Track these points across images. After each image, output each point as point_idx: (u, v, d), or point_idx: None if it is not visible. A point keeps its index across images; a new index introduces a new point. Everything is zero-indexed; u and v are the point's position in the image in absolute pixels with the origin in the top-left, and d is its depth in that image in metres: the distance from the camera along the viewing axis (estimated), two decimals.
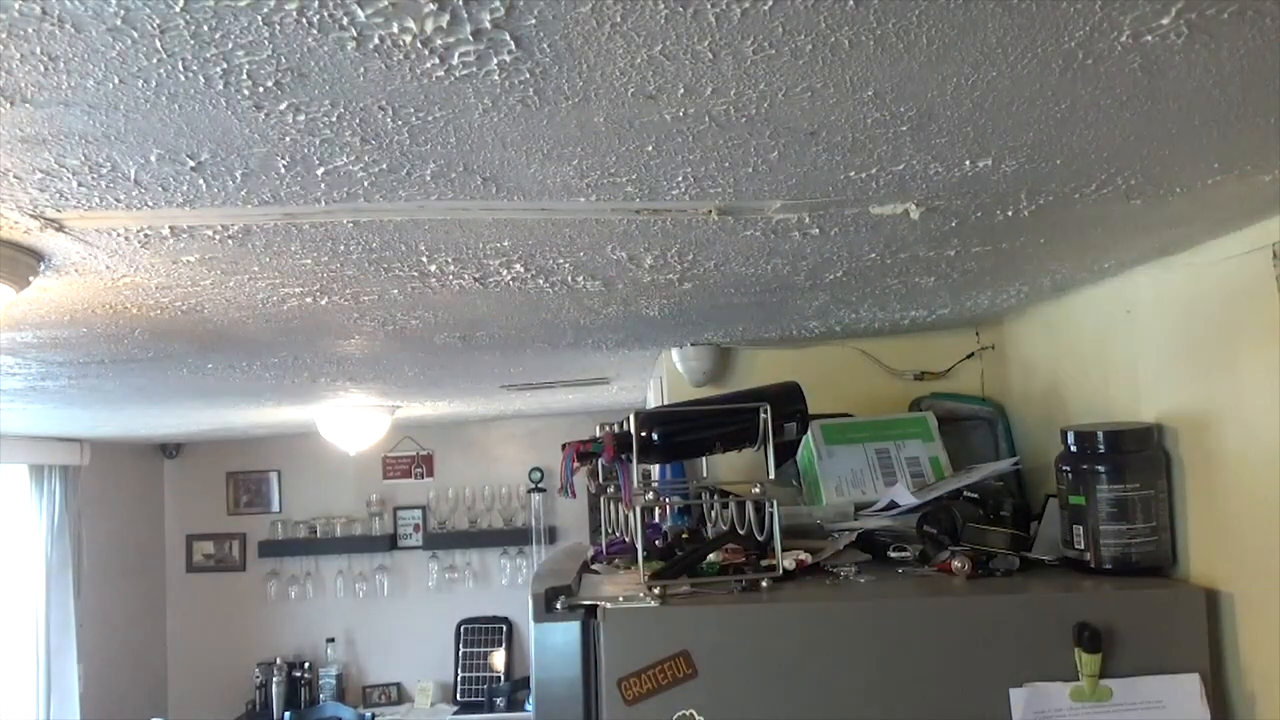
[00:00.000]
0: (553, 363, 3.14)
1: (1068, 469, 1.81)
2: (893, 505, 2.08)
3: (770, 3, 0.76)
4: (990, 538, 1.88)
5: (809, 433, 2.18)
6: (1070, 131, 1.08)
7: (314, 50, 0.81)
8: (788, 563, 1.84)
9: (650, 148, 1.08)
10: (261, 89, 0.88)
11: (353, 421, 4.34)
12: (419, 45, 0.81)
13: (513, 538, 6.17)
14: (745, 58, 0.86)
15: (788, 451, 2.06)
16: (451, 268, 1.62)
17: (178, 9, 0.73)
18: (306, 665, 6.06)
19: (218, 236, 1.38)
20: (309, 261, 1.54)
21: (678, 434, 1.90)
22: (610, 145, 1.06)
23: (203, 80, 0.86)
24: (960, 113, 1.01)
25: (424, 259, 1.55)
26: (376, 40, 0.79)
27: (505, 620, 6.14)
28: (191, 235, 1.37)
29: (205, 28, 0.76)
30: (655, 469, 2.24)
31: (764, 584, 1.76)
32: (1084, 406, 2.08)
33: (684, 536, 2.02)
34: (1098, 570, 1.75)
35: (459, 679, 6.07)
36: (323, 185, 1.16)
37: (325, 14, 0.75)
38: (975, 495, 1.97)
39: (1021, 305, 2.26)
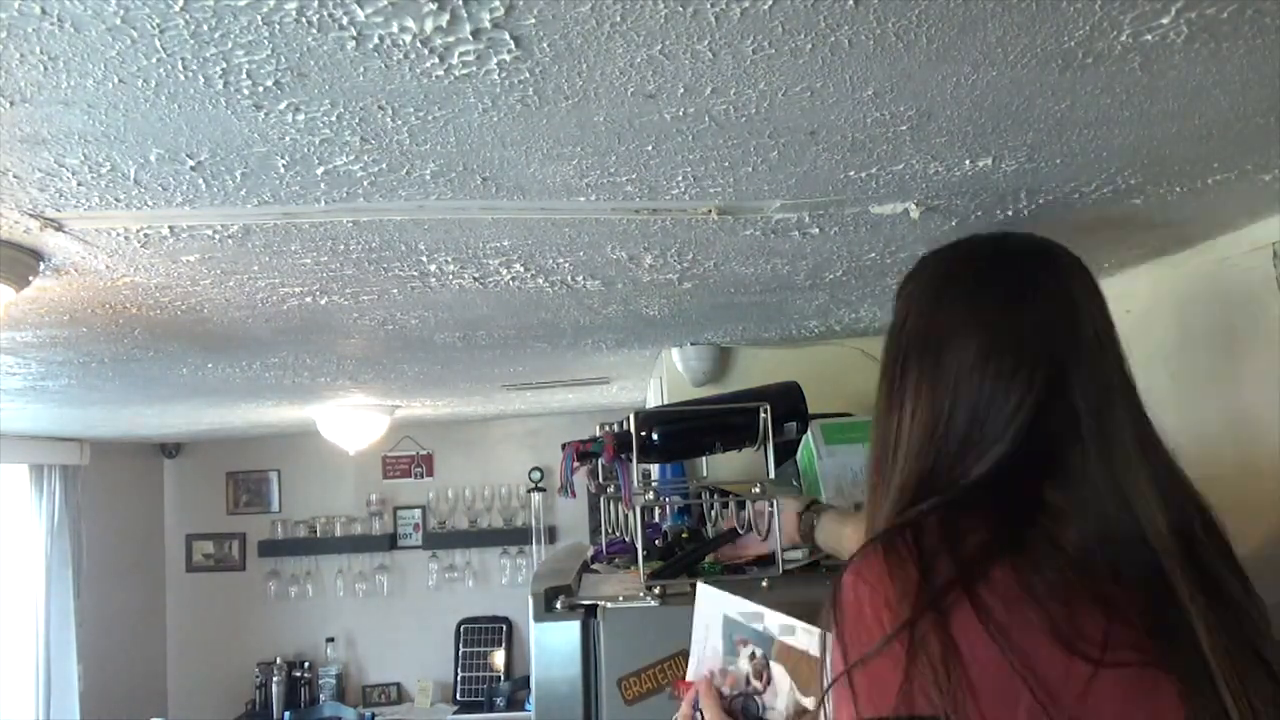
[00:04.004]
0: (553, 363, 3.14)
1: None
2: None
3: (770, 2, 0.76)
4: None
5: (809, 432, 2.18)
6: (1070, 131, 1.08)
7: (313, 50, 0.81)
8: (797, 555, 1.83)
9: (650, 147, 1.08)
10: (261, 88, 0.88)
11: (353, 421, 4.33)
12: (419, 45, 0.81)
13: (513, 537, 6.17)
14: (745, 57, 0.86)
15: (788, 451, 2.06)
16: (451, 267, 1.62)
17: (177, 8, 0.73)
18: (306, 665, 6.06)
19: (217, 236, 1.38)
20: (309, 261, 1.54)
21: (678, 434, 1.89)
22: (610, 145, 1.06)
23: (202, 80, 0.86)
24: (960, 112, 1.01)
25: (424, 259, 1.55)
26: (376, 40, 0.79)
27: (505, 620, 6.13)
28: (191, 235, 1.37)
29: (205, 27, 0.76)
30: (655, 469, 2.23)
31: (764, 584, 1.75)
32: None
33: (684, 536, 2.02)
34: None
35: (459, 678, 6.06)
36: (322, 185, 1.16)
37: (325, 13, 0.75)
38: None
39: None
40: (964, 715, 0.77)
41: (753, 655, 1.13)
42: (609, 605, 1.66)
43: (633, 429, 1.81)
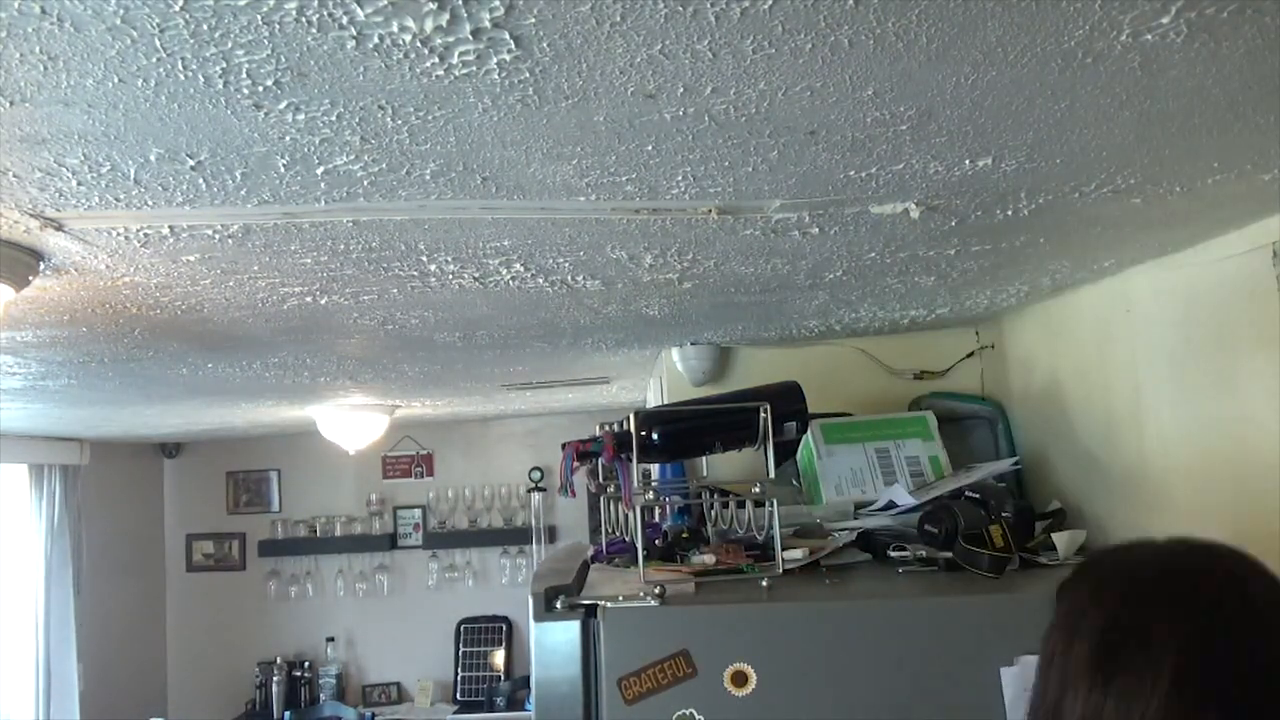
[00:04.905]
0: (553, 363, 3.14)
1: None
2: (891, 505, 2.08)
3: (770, 2, 0.76)
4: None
5: (809, 432, 2.18)
6: (1070, 131, 1.08)
7: (313, 49, 0.81)
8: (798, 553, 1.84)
9: (650, 147, 1.08)
10: (261, 88, 0.88)
11: (353, 421, 4.34)
12: (419, 44, 0.81)
13: (513, 537, 6.17)
14: (745, 57, 0.86)
15: (788, 451, 2.06)
16: (451, 267, 1.62)
17: (177, 8, 0.73)
18: (306, 665, 6.06)
19: (217, 236, 1.38)
20: (309, 261, 1.54)
21: (678, 434, 1.89)
22: (610, 144, 1.06)
23: (202, 79, 0.86)
24: (960, 112, 1.01)
25: (424, 258, 1.55)
26: (376, 39, 0.79)
27: (505, 620, 6.13)
28: (191, 235, 1.37)
29: (205, 27, 0.76)
30: (655, 468, 2.24)
31: (764, 583, 1.75)
32: (1084, 405, 2.08)
33: (684, 536, 2.02)
34: None
35: (459, 678, 6.06)
36: (322, 185, 1.16)
37: (325, 13, 0.75)
38: (977, 495, 1.97)
39: (1021, 304, 2.26)
40: None
41: None
42: (609, 605, 1.66)
43: (633, 429, 1.81)
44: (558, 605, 1.66)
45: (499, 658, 6.04)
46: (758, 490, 1.82)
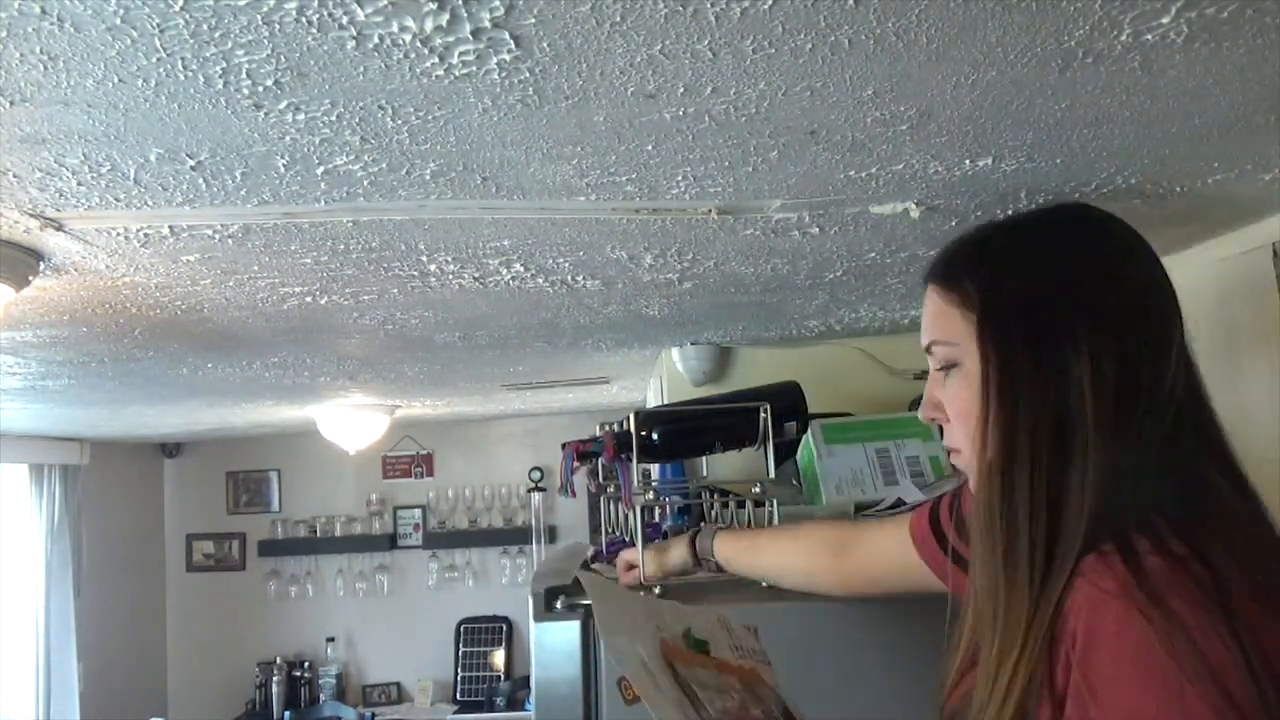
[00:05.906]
0: (553, 363, 3.14)
1: None
2: (900, 504, 2.08)
3: (770, 2, 0.76)
4: None
5: (809, 432, 2.18)
6: (1070, 131, 1.08)
7: (313, 49, 0.81)
8: None
9: (650, 147, 1.08)
10: (261, 88, 0.88)
11: (353, 421, 4.33)
12: (419, 44, 0.81)
13: (513, 537, 6.16)
14: (745, 57, 0.86)
15: (788, 451, 2.06)
16: (451, 267, 1.62)
17: (177, 8, 0.73)
18: (306, 665, 6.05)
19: (217, 236, 1.38)
20: (309, 261, 1.54)
21: (678, 434, 1.89)
22: (610, 144, 1.06)
23: (202, 79, 0.86)
24: (960, 112, 1.01)
25: (424, 258, 1.55)
26: (376, 39, 0.79)
27: (505, 620, 6.13)
28: (191, 235, 1.37)
29: (205, 27, 0.76)
30: (655, 468, 2.23)
31: (764, 583, 1.75)
32: None
33: None
34: None
35: (459, 678, 6.06)
36: (322, 185, 1.16)
37: (325, 13, 0.75)
38: None
39: None
40: None
41: None
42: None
43: (633, 429, 1.81)
44: (558, 605, 1.66)
45: (499, 658, 6.04)
46: (758, 490, 1.81)
